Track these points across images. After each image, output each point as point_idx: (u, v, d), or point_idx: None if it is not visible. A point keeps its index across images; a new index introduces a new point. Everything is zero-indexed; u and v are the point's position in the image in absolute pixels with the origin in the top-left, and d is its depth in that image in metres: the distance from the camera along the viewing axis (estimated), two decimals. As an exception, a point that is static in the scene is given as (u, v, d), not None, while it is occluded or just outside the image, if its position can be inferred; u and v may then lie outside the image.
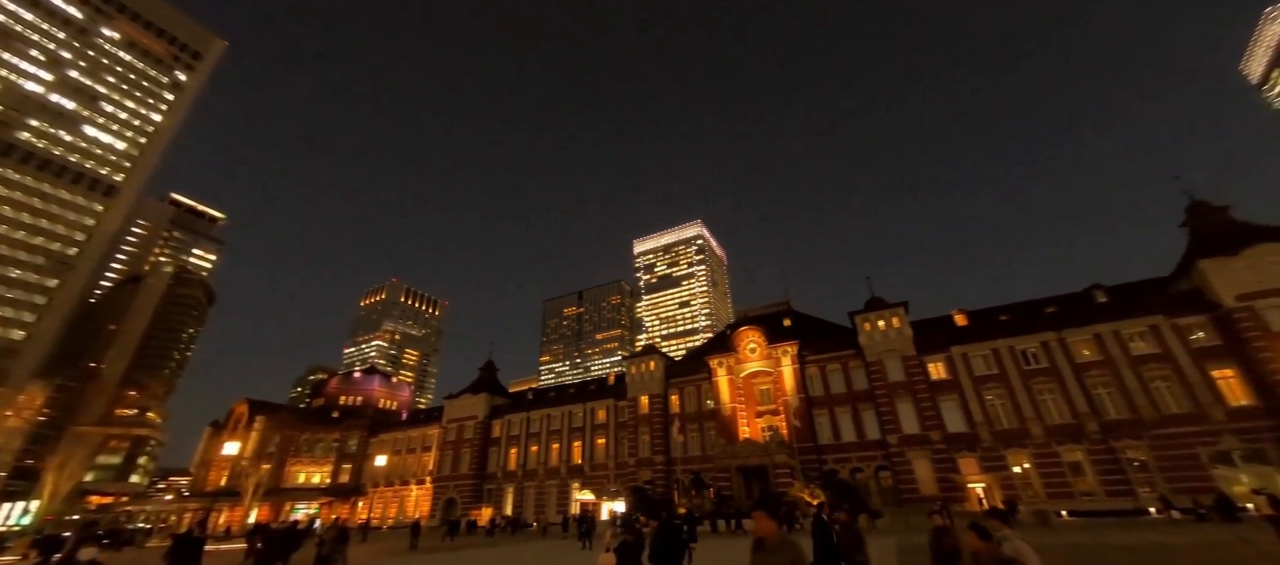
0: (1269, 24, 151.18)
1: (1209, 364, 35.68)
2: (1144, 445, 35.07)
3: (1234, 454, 32.96)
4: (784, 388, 49.35)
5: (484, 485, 64.79)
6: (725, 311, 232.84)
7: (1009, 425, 39.50)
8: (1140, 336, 38.33)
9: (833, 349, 49.96)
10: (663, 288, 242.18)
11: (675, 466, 49.46)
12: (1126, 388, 37.01)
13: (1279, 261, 35.26)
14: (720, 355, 54.41)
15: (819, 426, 46.71)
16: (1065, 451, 37.11)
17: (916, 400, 42.66)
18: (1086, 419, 37.07)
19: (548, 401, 68.13)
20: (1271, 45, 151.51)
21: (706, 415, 53.53)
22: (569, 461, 60.12)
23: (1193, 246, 40.49)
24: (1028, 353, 41.35)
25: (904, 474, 40.62)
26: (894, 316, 46.58)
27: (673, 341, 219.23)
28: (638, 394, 57.69)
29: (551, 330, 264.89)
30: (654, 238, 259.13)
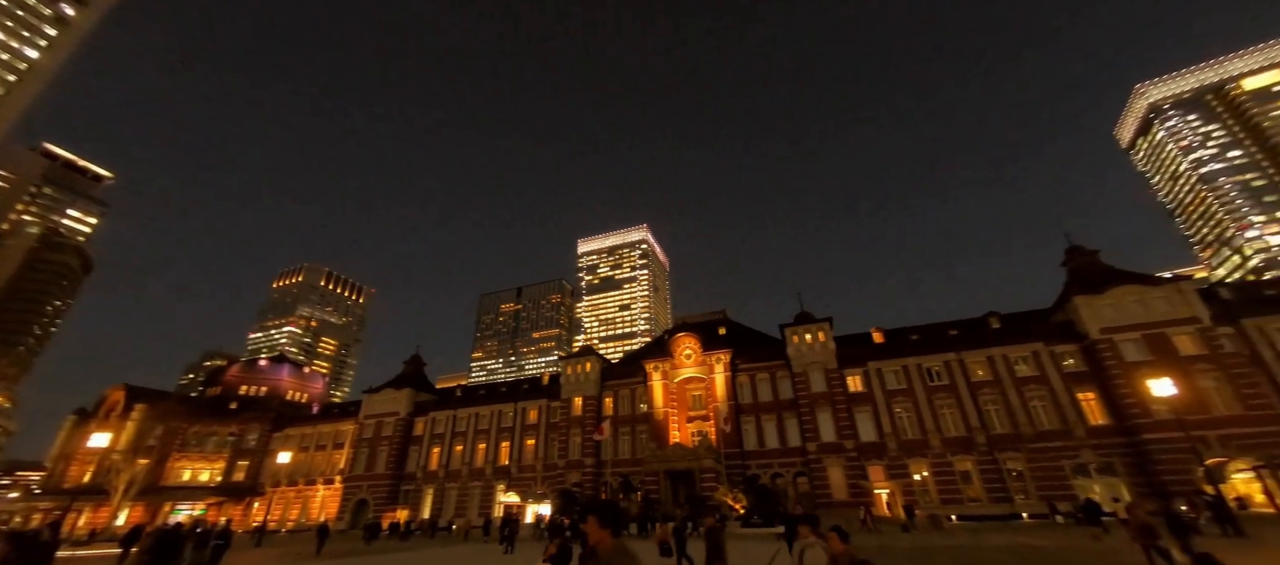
0: (1137, 98, 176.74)
1: (1076, 387, 40.86)
2: (1022, 457, 39.49)
3: (1090, 466, 37.95)
4: (716, 394, 50.77)
5: (401, 486, 61.18)
6: (665, 317, 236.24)
7: (913, 436, 43.05)
8: (1024, 360, 43.18)
9: (763, 359, 52.08)
10: (604, 289, 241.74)
11: (605, 469, 49.33)
12: (1011, 405, 41.53)
13: (1134, 301, 41.07)
14: (657, 360, 55.06)
15: (745, 433, 48.44)
16: (958, 461, 40.98)
17: (835, 410, 45.40)
18: (977, 432, 41.18)
19: (477, 399, 65.65)
20: (1139, 116, 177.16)
21: (639, 418, 53.90)
22: (495, 462, 58.19)
23: (1069, 284, 46.27)
24: (932, 370, 45.31)
25: (820, 480, 43.04)
26: (820, 331, 49.35)
27: (611, 344, 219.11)
28: (572, 395, 57.02)
29: (487, 326, 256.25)
30: (599, 239, 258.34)
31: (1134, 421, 37.04)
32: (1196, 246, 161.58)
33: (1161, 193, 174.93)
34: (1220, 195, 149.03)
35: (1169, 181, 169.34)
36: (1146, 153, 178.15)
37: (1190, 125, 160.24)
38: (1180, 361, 37.28)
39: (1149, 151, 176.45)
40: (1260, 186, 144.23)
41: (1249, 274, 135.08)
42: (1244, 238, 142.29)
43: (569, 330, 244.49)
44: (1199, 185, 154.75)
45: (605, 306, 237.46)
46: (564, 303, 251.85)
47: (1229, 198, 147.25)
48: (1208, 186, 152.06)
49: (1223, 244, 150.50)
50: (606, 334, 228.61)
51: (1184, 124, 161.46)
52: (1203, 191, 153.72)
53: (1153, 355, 38.28)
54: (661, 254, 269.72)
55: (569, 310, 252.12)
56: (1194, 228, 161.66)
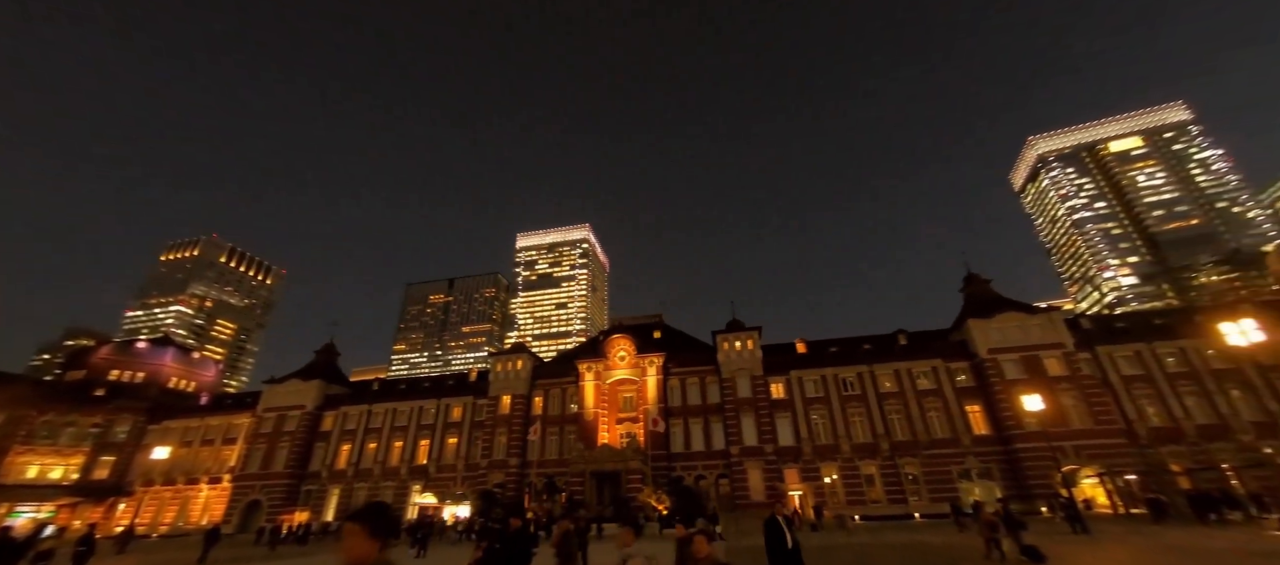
0: (1030, 148, 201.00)
1: (966, 400, 45.56)
2: (917, 462, 43.39)
3: (973, 471, 42.44)
4: (646, 397, 51.32)
5: (302, 486, 56.20)
6: (601, 318, 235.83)
7: (826, 442, 45.95)
8: (925, 375, 47.51)
9: (695, 364, 53.41)
10: (542, 287, 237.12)
11: (530, 470, 48.21)
12: (911, 415, 45.51)
13: (1016, 326, 46.50)
14: (590, 360, 54.76)
15: (674, 435, 49.36)
16: (864, 466, 44.27)
17: (758, 415, 47.45)
18: (882, 439, 44.72)
19: (397, 394, 61.86)
20: (1029, 163, 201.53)
21: (569, 419, 53.29)
22: (412, 462, 55.04)
23: (965, 308, 51.57)
24: (847, 381, 48.64)
25: (740, 482, 44.75)
26: (749, 339, 51.41)
27: (545, 342, 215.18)
28: (501, 393, 55.26)
29: (413, 317, 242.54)
30: (539, 234, 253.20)
31: (1009, 432, 41.91)
32: (1066, 282, 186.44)
33: (1043, 233, 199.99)
34: (1087, 239, 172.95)
35: (1049, 223, 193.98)
36: (1033, 196, 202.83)
37: (1068, 177, 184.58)
38: (1048, 380, 42.70)
39: (1035, 196, 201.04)
40: (1117, 234, 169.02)
41: (1104, 308, 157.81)
42: (1103, 277, 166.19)
43: (502, 326, 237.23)
44: (1071, 229, 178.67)
45: (541, 304, 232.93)
46: (498, 297, 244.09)
47: (1093, 242, 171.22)
48: (1078, 231, 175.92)
49: (1086, 281, 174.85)
50: (541, 332, 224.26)
51: (1064, 175, 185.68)
52: (1074, 235, 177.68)
53: (1027, 374, 43.55)
54: (602, 255, 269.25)
55: (503, 305, 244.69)
56: (1066, 266, 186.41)
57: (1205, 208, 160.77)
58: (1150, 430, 41.26)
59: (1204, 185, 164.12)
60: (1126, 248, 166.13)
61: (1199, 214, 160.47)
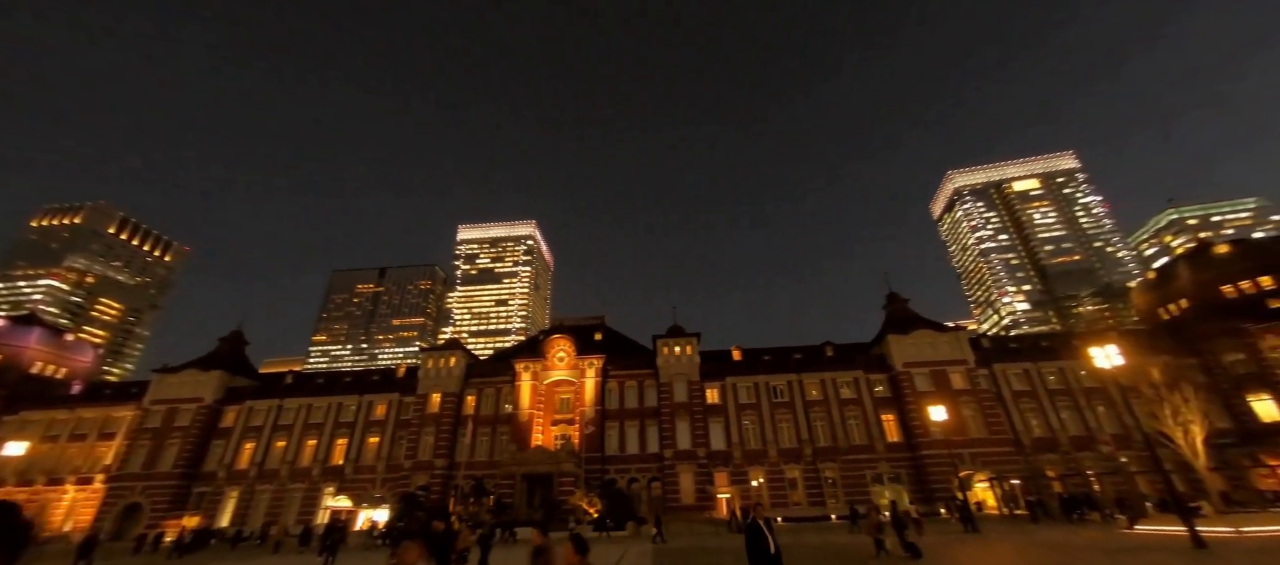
0: (948, 181, 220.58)
1: (882, 410, 49.05)
2: (836, 467, 46.14)
3: (884, 476, 45.73)
4: (584, 398, 50.96)
5: (194, 488, 50.66)
6: (543, 317, 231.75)
7: (755, 447, 47.78)
8: (847, 385, 50.65)
9: (634, 367, 53.73)
10: (482, 282, 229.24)
11: (458, 472, 46.35)
12: (833, 423, 48.36)
13: (928, 343, 50.71)
14: (528, 360, 53.61)
15: (608, 438, 49.32)
16: (788, 470, 46.45)
17: (692, 420, 48.50)
18: (805, 445, 47.15)
19: (313, 389, 57.34)
20: (947, 195, 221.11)
21: (502, 419, 51.81)
22: (326, 462, 51.22)
23: (885, 324, 55.55)
24: (777, 389, 50.87)
25: (671, 485, 45.49)
26: (688, 345, 52.47)
27: (482, 339, 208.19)
28: (431, 390, 52.76)
29: (337, 307, 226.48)
30: (482, 227, 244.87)
31: (917, 440, 45.59)
32: (972, 304, 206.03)
33: (955, 259, 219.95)
34: (990, 267, 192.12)
35: (960, 250, 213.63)
36: (949, 225, 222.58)
37: (978, 210, 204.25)
38: (952, 393, 46.92)
39: (950, 225, 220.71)
40: (1015, 265, 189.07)
41: (1001, 330, 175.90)
42: (1001, 302, 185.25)
43: (436, 320, 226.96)
44: (978, 257, 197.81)
45: (481, 299, 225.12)
46: (434, 290, 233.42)
47: (996, 270, 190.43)
48: (984, 259, 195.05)
49: (988, 304, 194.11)
50: (478, 328, 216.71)
51: (975, 208, 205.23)
52: (980, 262, 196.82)
53: (935, 387, 47.61)
54: (547, 253, 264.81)
55: (439, 299, 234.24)
56: (972, 290, 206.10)
57: (1086, 246, 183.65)
58: (1033, 440, 46.40)
59: (1086, 226, 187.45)
60: (1022, 277, 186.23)
61: (1081, 251, 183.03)
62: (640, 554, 22.98)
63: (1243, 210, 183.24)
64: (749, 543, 8.92)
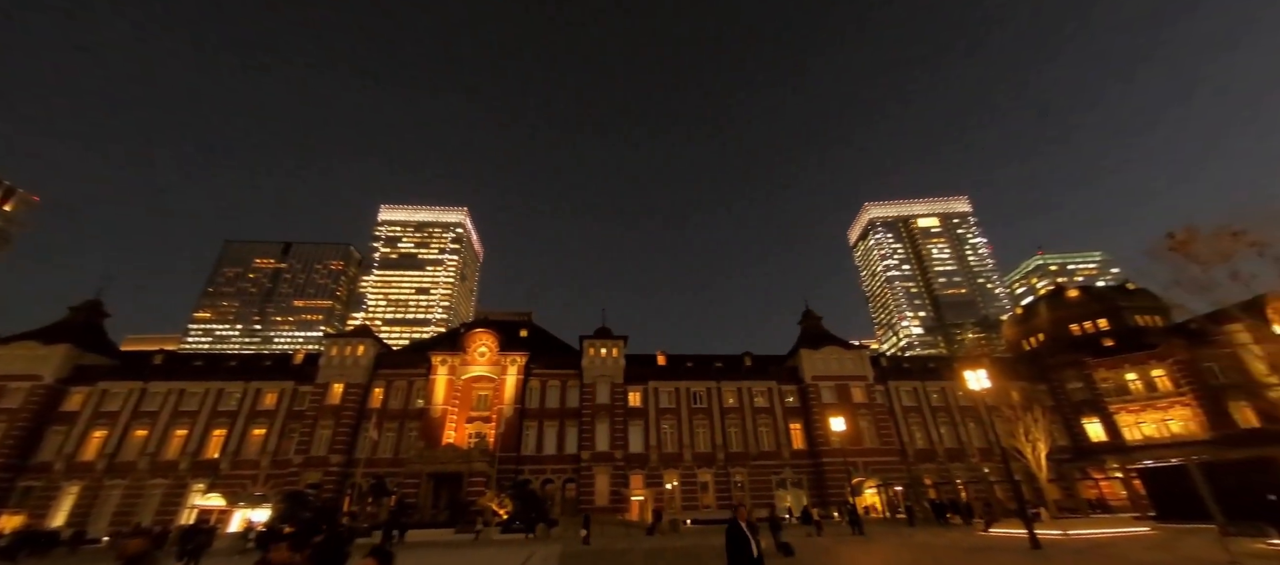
0: (865, 211, 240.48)
1: (790, 419, 52.21)
2: (745, 471, 48.43)
3: (788, 481, 48.68)
4: (503, 396, 49.44)
5: (18, 481, 42.79)
6: (467, 310, 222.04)
7: (672, 450, 48.95)
8: (761, 395, 53.38)
9: (559, 366, 52.99)
10: (403, 267, 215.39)
11: (357, 469, 42.98)
12: (746, 430, 50.73)
13: (835, 359, 54.76)
14: (447, 353, 51.11)
15: (526, 438, 48.20)
16: (701, 473, 48.06)
17: (613, 422, 48.70)
18: (718, 450, 49.06)
19: (188, 371, 50.74)
20: (861, 226, 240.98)
21: (412, 415, 48.87)
22: (197, 455, 45.43)
23: (800, 338, 59.26)
24: (697, 394, 52.49)
25: (587, 487, 45.33)
26: (614, 347, 52.67)
27: (398, 328, 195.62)
28: (333, 380, 48.60)
29: (228, 281, 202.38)
30: (408, 210, 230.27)
31: (819, 448, 49.03)
32: (877, 325, 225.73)
33: (865, 283, 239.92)
34: (893, 293, 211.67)
35: (870, 276, 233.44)
36: (862, 252, 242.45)
37: (887, 240, 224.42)
38: (852, 406, 51.03)
39: (864, 252, 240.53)
40: (914, 293, 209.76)
41: (899, 350, 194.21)
42: (900, 325, 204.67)
43: (347, 305, 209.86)
44: (885, 283, 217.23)
45: (400, 286, 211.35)
46: (347, 272, 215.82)
47: (898, 296, 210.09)
48: (888, 286, 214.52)
49: (889, 327, 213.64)
50: (394, 316, 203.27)
51: (885, 238, 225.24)
52: (886, 288, 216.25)
53: (838, 400, 51.52)
54: (478, 243, 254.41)
55: (351, 282, 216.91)
56: (877, 312, 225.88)
57: (971, 281, 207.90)
58: (916, 451, 51.61)
59: (973, 264, 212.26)
60: (919, 304, 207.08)
61: (967, 285, 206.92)
62: (547, 557, 22.64)
63: (1091, 261, 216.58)
64: (730, 545, 8.44)
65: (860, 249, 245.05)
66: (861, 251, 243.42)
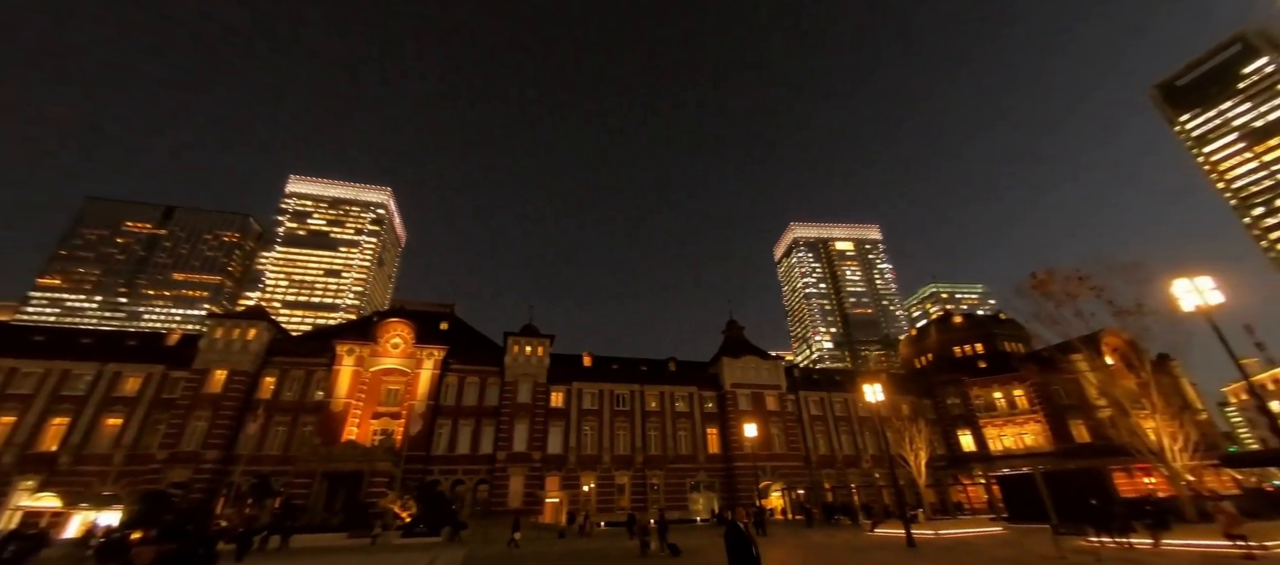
0: (789, 231, 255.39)
1: (708, 424, 54.00)
2: (661, 474, 49.38)
3: (702, 484, 50.28)
4: (416, 391, 46.61)
5: None
6: (383, 297, 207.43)
7: (591, 452, 48.76)
8: (683, 400, 54.75)
9: (479, 362, 50.91)
10: (312, 245, 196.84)
11: (236, 467, 38.46)
12: (665, 433, 51.76)
13: (753, 368, 57.45)
14: (355, 342, 47.30)
15: (438, 436, 45.77)
16: (619, 476, 48.31)
17: (533, 422, 47.62)
18: (638, 453, 49.61)
19: (25, 346, 42.81)
20: (786, 243, 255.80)
21: (309, 408, 44.63)
22: (28, 446, 38.41)
23: (723, 347, 61.56)
24: (620, 397, 52.75)
25: (500, 488, 43.90)
26: (541, 346, 51.57)
27: (301, 313, 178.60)
28: (215, 365, 43.20)
29: (87, 244, 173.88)
30: (322, 183, 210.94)
31: (732, 453, 51.15)
32: (794, 338, 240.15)
33: (786, 298, 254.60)
34: (810, 309, 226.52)
35: (791, 292, 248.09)
36: (785, 269, 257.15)
37: (807, 260, 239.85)
38: (765, 413, 53.79)
39: (786, 269, 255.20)
40: (827, 310, 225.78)
41: (811, 363, 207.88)
42: (814, 339, 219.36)
43: (240, 283, 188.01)
44: (802, 299, 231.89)
45: (307, 266, 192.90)
46: (243, 245, 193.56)
47: (814, 312, 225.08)
48: (806, 302, 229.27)
49: (804, 340, 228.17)
50: (297, 299, 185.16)
51: (806, 257, 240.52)
52: (803, 304, 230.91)
53: (753, 407, 54.08)
54: (400, 227, 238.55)
55: (248, 257, 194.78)
56: (794, 326, 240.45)
57: (877, 302, 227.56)
58: (818, 457, 55.41)
59: (879, 287, 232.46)
60: (831, 320, 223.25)
61: (873, 306, 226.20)
62: (450, 562, 21.62)
63: (974, 292, 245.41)
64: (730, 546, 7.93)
65: (784, 265, 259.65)
66: (785, 268, 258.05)
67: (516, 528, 28.33)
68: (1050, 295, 30.68)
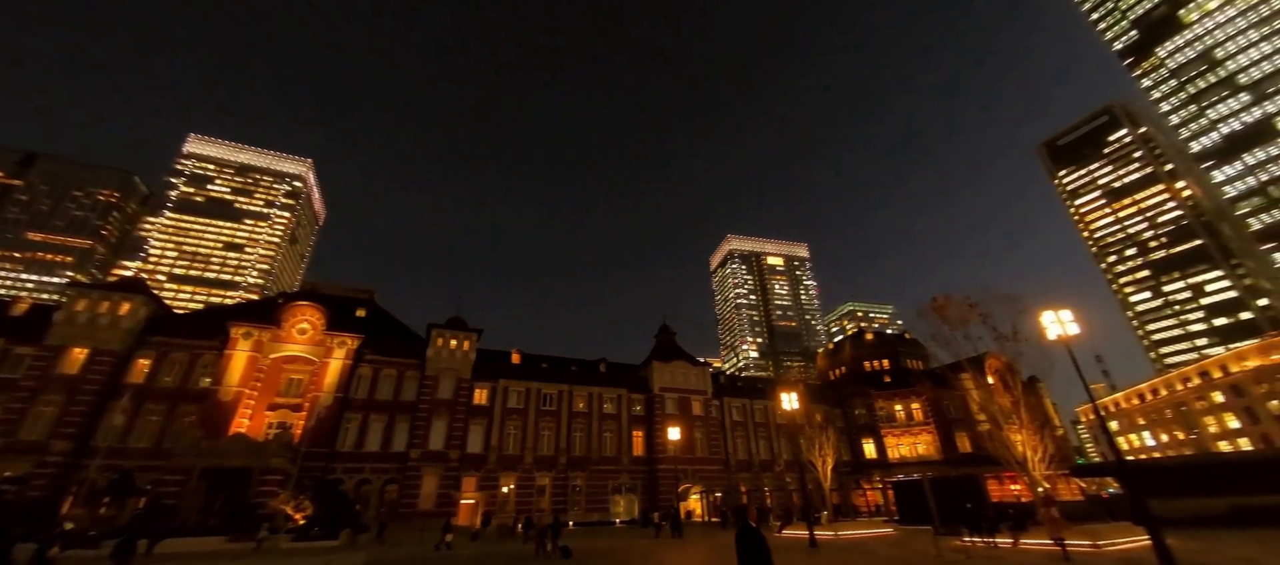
0: (726, 242, 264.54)
1: (634, 427, 54.38)
2: (584, 476, 49.03)
3: (623, 487, 50.50)
4: (323, 382, 42.99)
5: None
6: (293, 278, 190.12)
7: (513, 452, 47.42)
8: (611, 401, 54.74)
9: (398, 354, 47.88)
10: (210, 215, 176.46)
11: (93, 460, 33.38)
12: (591, 435, 51.47)
13: (681, 373, 58.66)
14: (254, 324, 42.82)
15: (345, 432, 42.44)
16: (540, 477, 47.36)
17: (453, 420, 45.52)
18: (561, 454, 48.93)
19: None
20: (723, 254, 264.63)
21: (191, 396, 39.77)
22: None
23: (654, 351, 62.36)
24: (548, 397, 51.79)
25: (411, 488, 41.51)
26: (467, 340, 49.46)
27: (192, 288, 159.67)
28: (73, 342, 37.34)
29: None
30: (229, 147, 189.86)
31: (656, 456, 51.87)
32: (722, 346, 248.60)
33: (718, 306, 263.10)
34: (740, 318, 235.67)
35: (723, 301, 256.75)
36: (720, 279, 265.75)
37: (741, 271, 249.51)
38: (690, 418, 55.09)
39: (721, 278, 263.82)
40: (755, 320, 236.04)
41: (737, 370, 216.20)
42: (741, 348, 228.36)
43: (117, 249, 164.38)
44: (733, 309, 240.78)
45: (203, 237, 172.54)
46: (124, 206, 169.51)
47: (743, 321, 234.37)
48: (736, 312, 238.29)
49: (732, 348, 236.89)
50: (188, 273, 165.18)
51: (739, 269, 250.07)
52: (733, 313, 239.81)
53: (679, 412, 55.21)
54: (320, 202, 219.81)
55: (129, 221, 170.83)
56: (725, 334, 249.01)
57: (800, 316, 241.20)
58: (737, 461, 57.57)
59: (804, 302, 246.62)
60: (758, 331, 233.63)
61: (796, 319, 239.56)
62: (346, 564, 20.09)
63: (885, 311, 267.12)
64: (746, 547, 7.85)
65: (719, 275, 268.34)
66: (720, 277, 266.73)
67: (447, 530, 27.40)
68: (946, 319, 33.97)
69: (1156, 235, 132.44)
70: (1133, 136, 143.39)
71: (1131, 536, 20.31)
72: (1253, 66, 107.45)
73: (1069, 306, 17.57)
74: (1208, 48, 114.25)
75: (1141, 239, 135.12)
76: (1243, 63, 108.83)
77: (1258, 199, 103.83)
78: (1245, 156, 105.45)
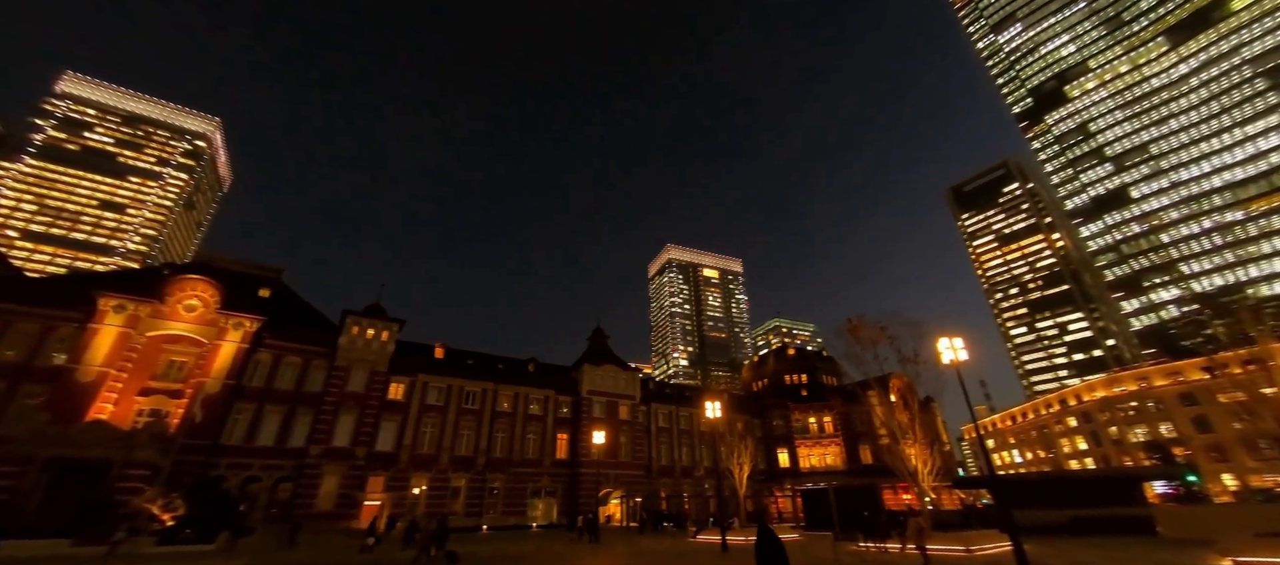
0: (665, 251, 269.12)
1: (560, 429, 53.59)
2: (503, 478, 47.59)
3: (543, 490, 49.58)
4: (211, 367, 38.51)
5: None
6: (186, 247, 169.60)
7: (427, 452, 45.03)
8: (537, 402, 53.61)
9: (305, 341, 43.91)
10: (85, 167, 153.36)
11: (-105, 444, 27.59)
12: (514, 436, 50.09)
13: (611, 376, 58.62)
14: (129, 296, 37.57)
15: (234, 423, 38.20)
16: (455, 478, 45.34)
17: (362, 415, 42.47)
18: (480, 455, 47.17)
19: None
20: (661, 262, 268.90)
21: (42, 375, 34.11)
22: None
23: (585, 353, 61.95)
24: (471, 395, 49.78)
25: (309, 487, 38.15)
26: (386, 330, 46.43)
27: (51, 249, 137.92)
28: (-127, 302, 30.68)
29: None
30: (115, 91, 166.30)
31: (580, 459, 51.43)
32: (653, 353, 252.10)
33: (653, 313, 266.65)
34: (673, 327, 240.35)
35: (659, 308, 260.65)
36: (656, 287, 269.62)
37: (678, 281, 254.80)
38: (617, 422, 55.21)
39: (658, 287, 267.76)
40: (688, 330, 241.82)
41: (666, 377, 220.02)
42: (672, 355, 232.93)
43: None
44: (667, 317, 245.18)
45: (74, 191, 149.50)
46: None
47: (676, 330, 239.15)
48: (670, 320, 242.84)
49: (664, 355, 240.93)
50: (48, 232, 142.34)
51: (676, 278, 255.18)
52: (667, 321, 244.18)
53: (606, 415, 55.16)
54: (225, 165, 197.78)
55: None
56: (657, 341, 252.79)
57: (730, 328, 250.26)
58: (659, 467, 58.43)
59: (735, 315, 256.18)
60: (690, 339, 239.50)
61: (727, 331, 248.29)
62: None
63: (807, 329, 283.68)
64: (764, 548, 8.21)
65: (656, 283, 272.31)
66: (656, 285, 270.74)
67: (371, 532, 25.95)
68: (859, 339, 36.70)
69: (1034, 278, 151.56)
70: (1022, 190, 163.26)
71: (997, 543, 22.95)
72: (1116, 142, 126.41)
73: (961, 334, 19.64)
74: (1084, 121, 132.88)
75: (1023, 280, 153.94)
76: (1109, 137, 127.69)
77: (1112, 254, 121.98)
78: (1106, 217, 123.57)
